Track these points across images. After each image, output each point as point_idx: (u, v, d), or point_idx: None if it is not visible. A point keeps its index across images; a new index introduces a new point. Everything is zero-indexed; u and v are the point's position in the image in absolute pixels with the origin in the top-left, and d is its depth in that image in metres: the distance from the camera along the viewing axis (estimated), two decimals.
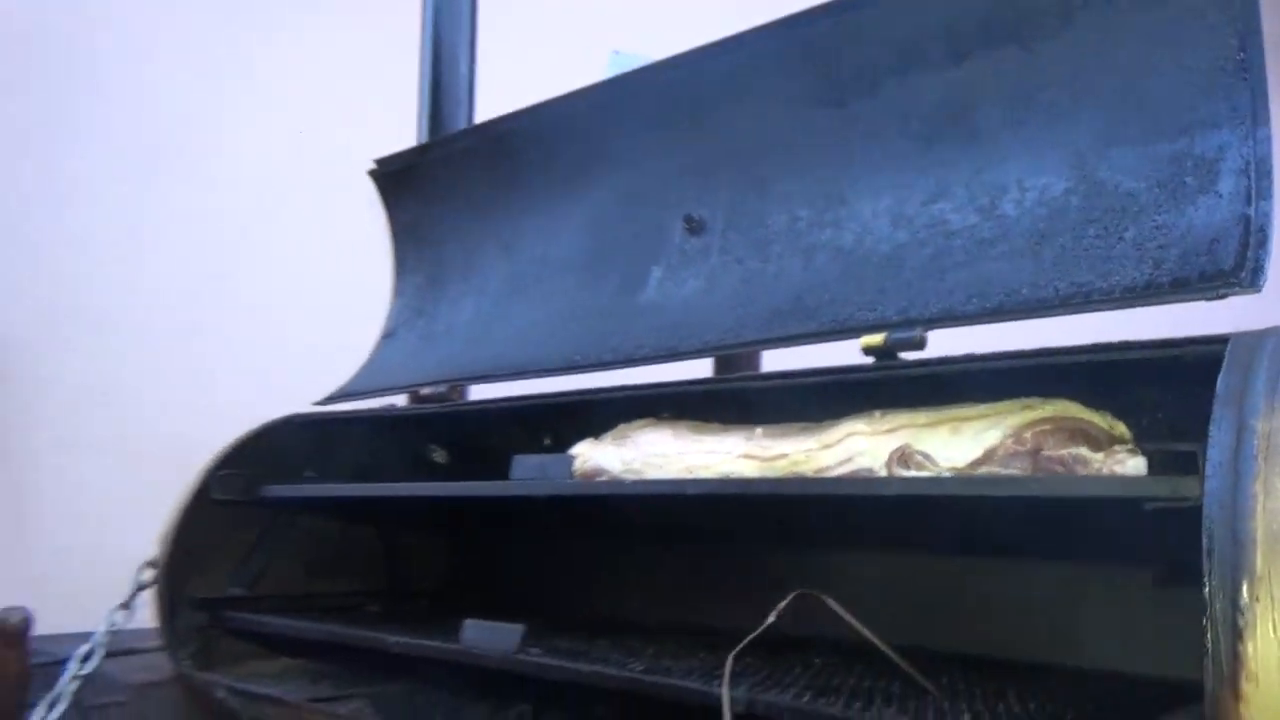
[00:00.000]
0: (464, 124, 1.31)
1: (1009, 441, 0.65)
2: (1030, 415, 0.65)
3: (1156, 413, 0.63)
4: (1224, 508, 0.43)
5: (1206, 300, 0.58)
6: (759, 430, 0.75)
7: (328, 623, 0.97)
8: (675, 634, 0.83)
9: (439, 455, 1.18)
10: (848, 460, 0.70)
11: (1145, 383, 0.62)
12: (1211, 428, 0.46)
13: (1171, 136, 0.70)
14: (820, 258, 0.85)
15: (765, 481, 0.70)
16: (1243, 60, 0.67)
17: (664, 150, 0.99)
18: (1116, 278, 0.64)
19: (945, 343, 0.70)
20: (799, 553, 0.85)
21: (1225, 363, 0.50)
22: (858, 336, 0.72)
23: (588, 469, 0.81)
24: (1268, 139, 0.66)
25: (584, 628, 0.85)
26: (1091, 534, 0.63)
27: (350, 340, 1.32)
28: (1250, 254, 0.60)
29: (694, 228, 0.97)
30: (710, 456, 0.76)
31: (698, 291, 0.92)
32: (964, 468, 0.64)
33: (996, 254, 0.73)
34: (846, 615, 0.65)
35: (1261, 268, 0.59)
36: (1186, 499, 0.45)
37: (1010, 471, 0.63)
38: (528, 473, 0.79)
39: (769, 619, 0.65)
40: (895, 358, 0.70)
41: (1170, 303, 0.60)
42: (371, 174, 1.26)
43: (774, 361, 0.91)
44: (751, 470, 0.72)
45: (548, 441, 1.03)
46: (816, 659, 0.72)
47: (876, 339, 0.71)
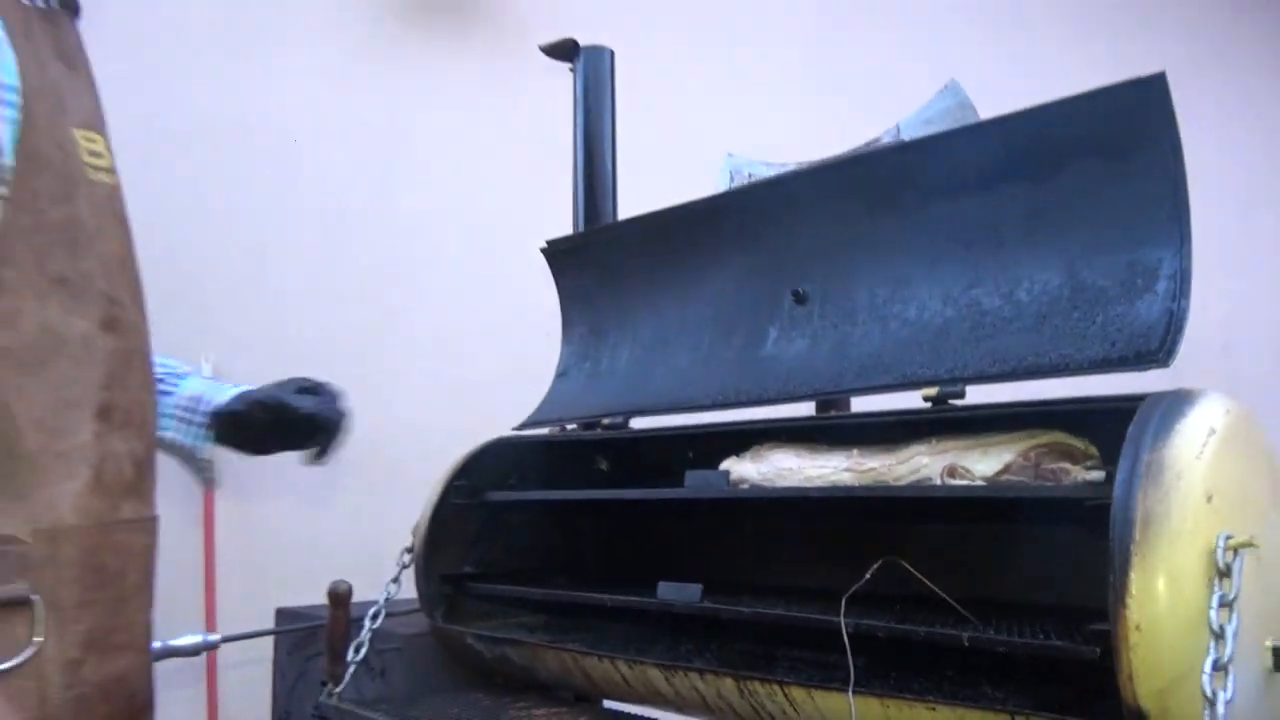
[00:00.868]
0: (610, 210, 1.69)
1: (1019, 459, 0.99)
2: (1033, 440, 1.00)
3: (1105, 442, 0.97)
4: (1121, 503, 0.77)
5: (1139, 371, 0.93)
6: (855, 451, 1.11)
7: (546, 588, 1.37)
8: (799, 593, 1.20)
9: (604, 464, 1.57)
10: (915, 472, 1.05)
11: (1097, 423, 0.96)
12: (1121, 457, 0.80)
13: (1129, 250, 1.03)
14: (893, 326, 1.20)
15: (861, 488, 1.06)
16: (1174, 200, 1.01)
17: (776, 241, 1.35)
18: (1089, 352, 0.98)
19: (978, 393, 1.06)
20: (883, 534, 1.20)
21: (1136, 415, 0.84)
22: (918, 389, 1.08)
23: (734, 479, 1.18)
24: (1189, 254, 0.99)
25: (734, 590, 1.22)
26: (1066, 516, 0.97)
27: (524, 374, 1.72)
28: (1170, 339, 0.94)
29: (799, 299, 1.33)
30: (822, 469, 1.12)
31: (804, 349, 1.28)
32: (990, 477, 0.99)
33: (1013, 329, 1.08)
34: (916, 573, 1.00)
35: (1175, 350, 0.92)
36: (1105, 498, 0.80)
37: (1019, 479, 0.98)
38: (697, 482, 1.16)
39: (866, 575, 1.01)
40: (945, 403, 1.06)
41: (1117, 372, 0.94)
42: (543, 250, 1.65)
43: (861, 404, 1.27)
44: (850, 479, 1.08)
45: (690, 455, 1.41)
46: (898, 605, 1.08)
47: (932, 391, 1.06)
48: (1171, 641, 0.74)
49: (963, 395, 1.05)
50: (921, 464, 1.04)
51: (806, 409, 1.29)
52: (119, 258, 0.95)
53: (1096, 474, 0.93)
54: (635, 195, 1.69)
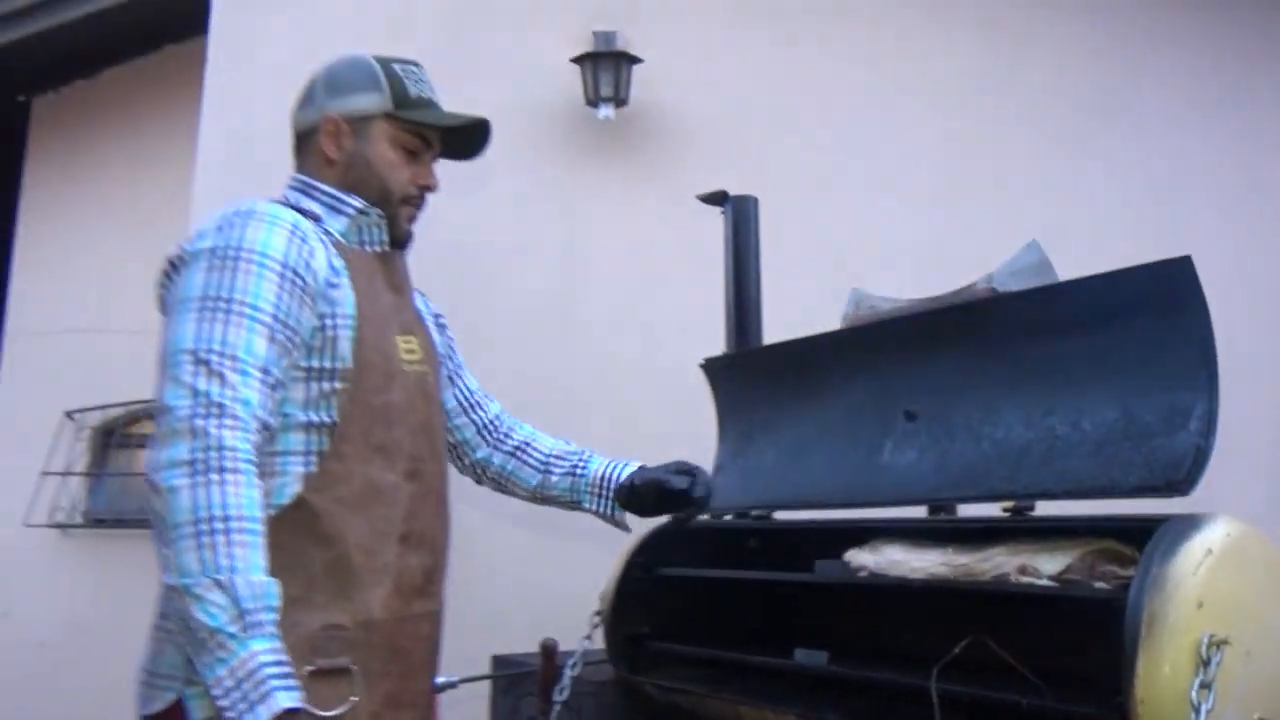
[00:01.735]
0: (756, 330, 2.03)
1: (1078, 561, 1.26)
2: (1089, 547, 1.26)
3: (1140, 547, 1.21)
4: (1133, 605, 1.04)
5: (1167, 498, 1.18)
6: (950, 548, 1.40)
7: (704, 648, 1.70)
8: (905, 660, 1.49)
9: (754, 543, 1.90)
10: (996, 568, 1.33)
11: (1139, 533, 1.22)
12: (1138, 570, 1.07)
13: (1171, 393, 1.28)
14: (984, 445, 1.48)
15: (953, 581, 1.35)
16: (1204, 354, 1.25)
17: (892, 369, 1.64)
18: (1132, 478, 1.24)
19: (1047, 504, 1.33)
20: (971, 616, 1.47)
21: (1154, 536, 1.10)
22: (1001, 501, 1.36)
23: (855, 567, 1.49)
24: (1217, 399, 1.23)
25: (853, 655, 1.52)
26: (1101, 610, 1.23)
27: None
28: (1194, 470, 1.19)
29: (910, 417, 1.62)
30: (924, 562, 1.41)
31: (913, 460, 1.57)
32: (1054, 575, 1.26)
33: (1078, 454, 1.34)
34: (996, 647, 1.28)
35: (1197, 480, 1.17)
36: (1122, 601, 1.07)
37: (1078, 578, 1.24)
38: (826, 569, 1.47)
39: (955, 650, 1.29)
40: (1020, 514, 1.34)
41: (1152, 497, 1.20)
42: (702, 365, 2.00)
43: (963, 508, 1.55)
44: (946, 572, 1.37)
45: (820, 544, 1.71)
46: (982, 673, 1.35)
47: (1011, 504, 1.34)
48: (1167, 712, 1.00)
49: (1033, 508, 1.33)
50: (1000, 562, 1.32)
51: (913, 510, 1.58)
52: (423, 425, 1.33)
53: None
54: (777, 314, 2.03)
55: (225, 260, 1.20)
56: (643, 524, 1.86)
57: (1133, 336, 1.32)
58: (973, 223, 3.13)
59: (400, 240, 1.40)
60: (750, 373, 1.92)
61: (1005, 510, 1.34)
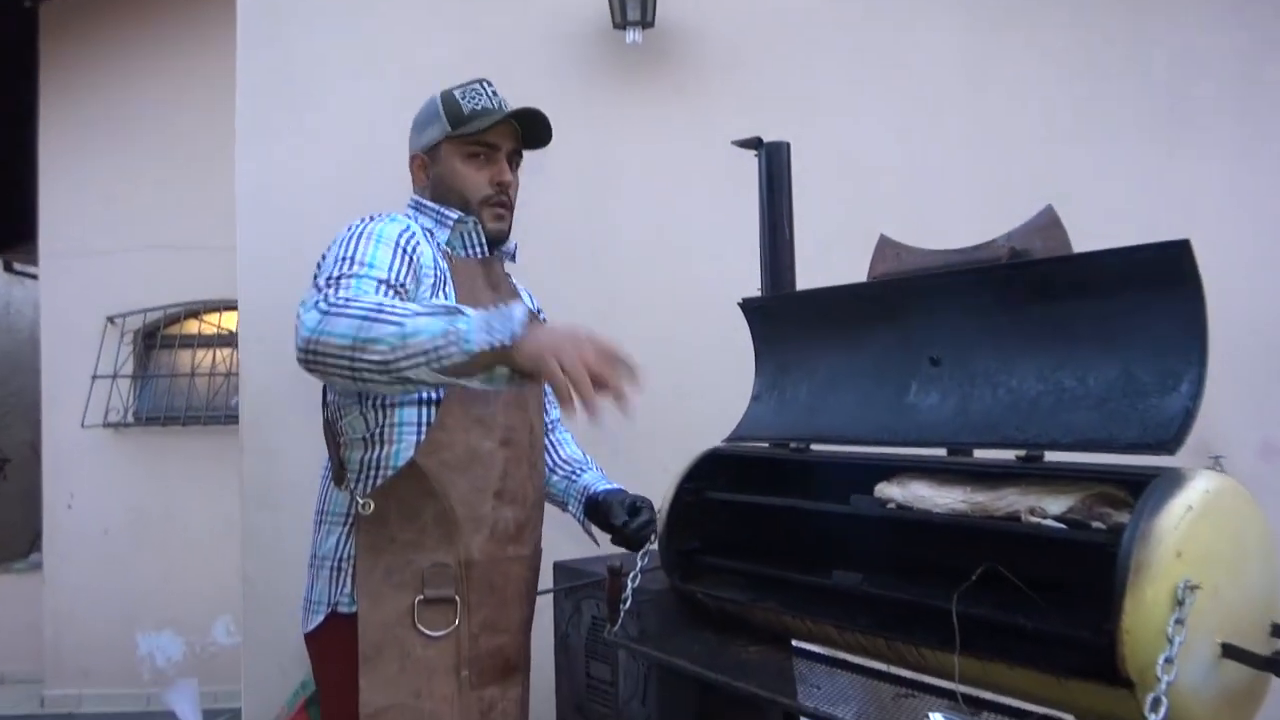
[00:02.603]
0: (790, 272, 2.20)
1: (1079, 503, 1.47)
2: (1089, 491, 1.47)
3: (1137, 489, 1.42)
4: (1124, 553, 1.25)
5: (1158, 455, 1.39)
6: (969, 487, 1.62)
7: (753, 563, 1.95)
8: (931, 581, 1.73)
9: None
10: (1009, 506, 1.54)
11: (1133, 480, 1.42)
12: (1129, 523, 1.29)
13: (1166, 359, 1.46)
14: (1000, 392, 1.67)
15: (971, 516, 1.57)
16: (1198, 324, 1.43)
17: (919, 317, 1.81)
18: (1129, 435, 1.44)
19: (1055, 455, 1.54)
20: (985, 547, 1.70)
21: (1144, 490, 1.31)
22: (1015, 448, 1.57)
23: (884, 498, 1.71)
24: (1205, 365, 1.42)
25: (883, 574, 1.76)
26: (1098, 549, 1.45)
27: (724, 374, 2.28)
28: (1182, 430, 1.39)
29: (934, 362, 1.80)
30: (945, 499, 1.63)
31: (937, 402, 1.77)
32: (1058, 515, 1.48)
33: (1083, 407, 1.53)
34: (1009, 575, 1.51)
35: (1184, 439, 1.37)
36: (1115, 547, 1.28)
37: (1078, 517, 1.46)
38: (859, 503, 1.70)
39: (974, 576, 1.53)
40: (1031, 460, 1.55)
41: (1145, 454, 1.40)
42: (740, 305, 2.18)
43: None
44: (965, 508, 1.59)
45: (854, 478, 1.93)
46: (996, 596, 1.58)
47: (1023, 452, 1.55)
48: (1147, 642, 1.22)
49: (1042, 457, 1.54)
50: (1013, 501, 1.54)
51: (936, 449, 1.79)
52: (515, 401, 1.55)
53: (1127, 516, 1.40)
54: (806, 237, 2.20)
55: (350, 242, 1.45)
56: (694, 449, 2.09)
57: (1136, 306, 1.50)
58: (1004, 140, 3.23)
59: (495, 238, 1.59)
60: (785, 313, 2.10)
61: (1017, 458, 1.55)
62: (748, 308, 2.14)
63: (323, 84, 3.09)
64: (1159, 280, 1.46)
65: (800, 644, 1.91)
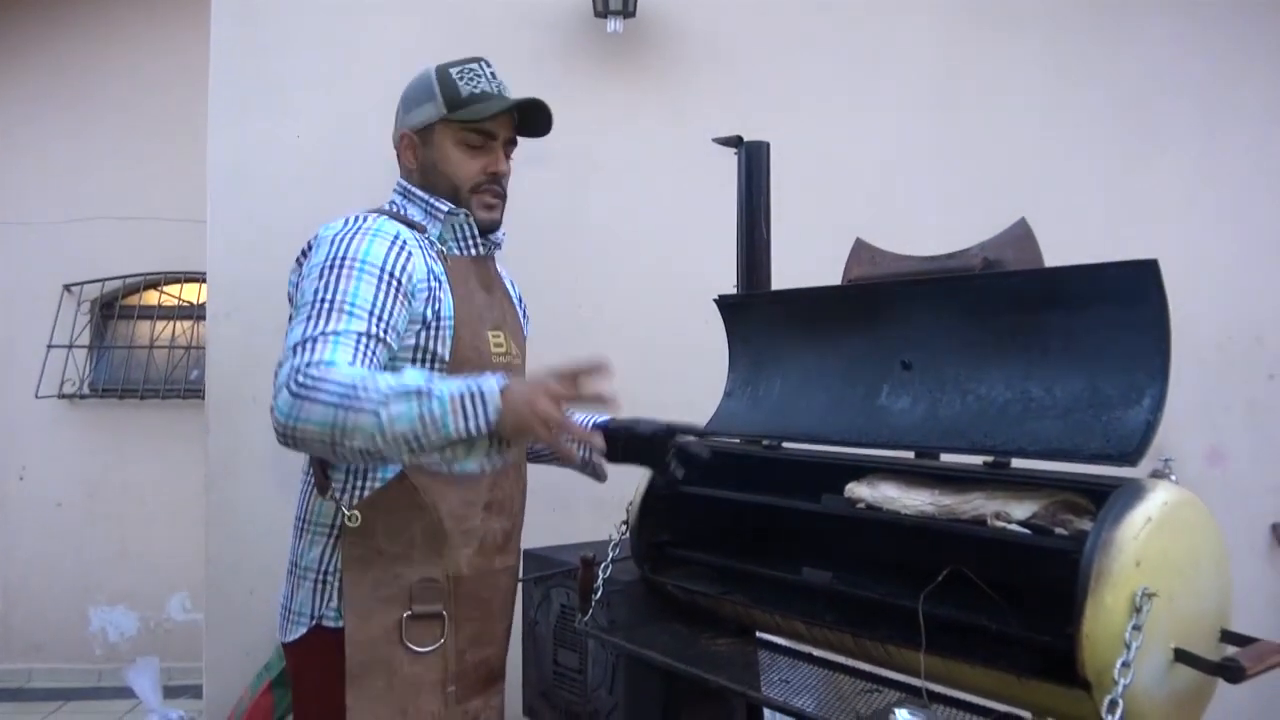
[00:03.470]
0: (766, 270, 2.23)
1: (1042, 509, 1.53)
2: (1052, 498, 1.52)
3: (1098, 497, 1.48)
4: (1086, 560, 1.31)
5: (1120, 467, 1.44)
6: (937, 490, 1.67)
7: (723, 557, 1.98)
8: (897, 580, 1.78)
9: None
10: (976, 510, 1.59)
11: (1094, 489, 1.48)
12: (1091, 531, 1.34)
13: (1130, 374, 1.52)
14: (969, 399, 1.72)
15: (939, 519, 1.62)
16: (1161, 341, 1.48)
17: (892, 322, 1.86)
18: (1092, 446, 1.49)
19: (1020, 462, 1.59)
20: (951, 549, 1.75)
21: (1107, 500, 1.37)
22: (981, 455, 1.62)
23: (853, 498, 1.75)
24: (1166, 381, 1.48)
25: (849, 571, 1.81)
26: (1061, 554, 1.50)
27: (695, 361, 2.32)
28: (1143, 444, 1.44)
29: (906, 366, 1.85)
30: (913, 500, 1.67)
31: (907, 406, 1.82)
32: (1023, 520, 1.53)
33: (1048, 417, 1.59)
34: (974, 577, 1.57)
35: (1145, 452, 1.43)
36: (1078, 554, 1.34)
37: (1041, 523, 1.51)
38: (829, 502, 1.74)
39: (939, 578, 1.58)
40: (997, 466, 1.60)
41: (1108, 465, 1.46)
42: (716, 301, 2.21)
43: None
44: (932, 510, 1.64)
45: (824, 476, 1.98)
46: (960, 598, 1.64)
47: (990, 458, 1.60)
48: (1105, 646, 1.28)
49: (1008, 464, 1.59)
50: (979, 505, 1.59)
51: (905, 452, 1.84)
52: None
53: (1089, 524, 1.46)
54: (783, 233, 2.23)
55: (333, 269, 1.39)
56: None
57: (1103, 320, 1.55)
58: (981, 140, 3.28)
59: (485, 228, 1.57)
60: (760, 312, 2.14)
61: (985, 464, 1.60)
62: (723, 305, 2.17)
63: (298, 60, 3.05)
64: (1127, 297, 1.51)
65: (768, 637, 1.95)
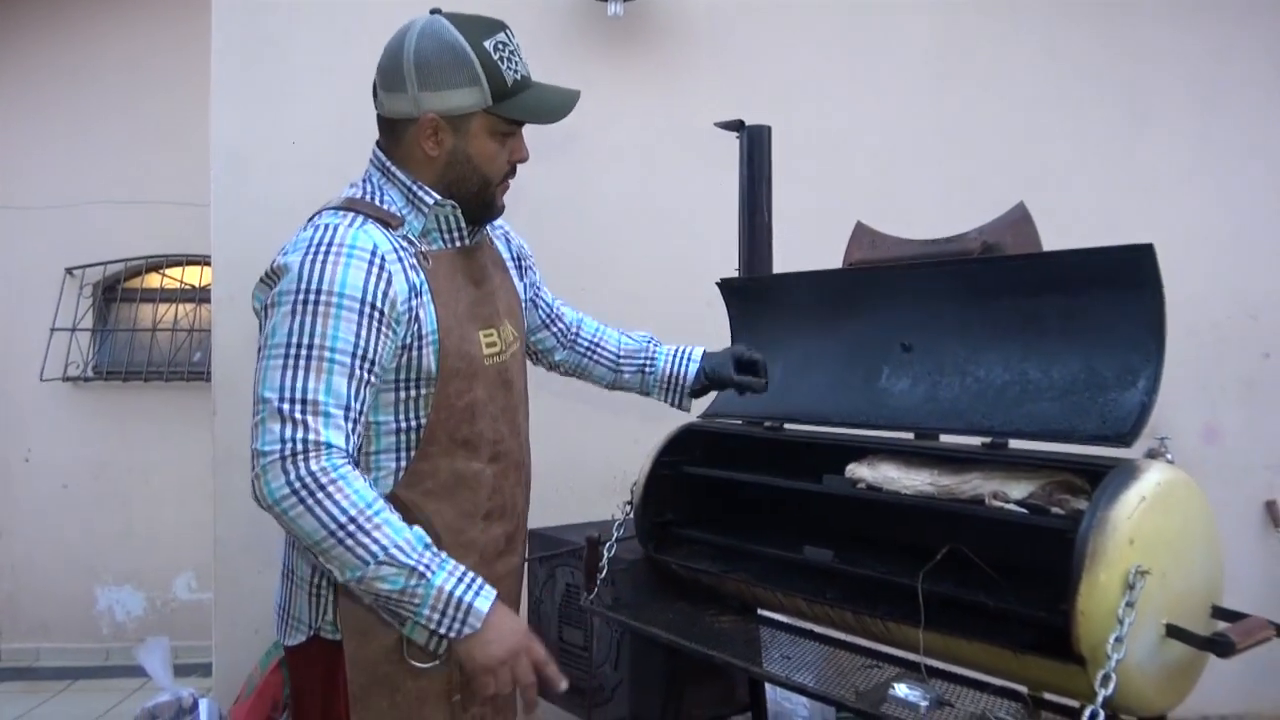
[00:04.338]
0: (767, 251, 2.25)
1: (1039, 489, 1.56)
2: (1049, 478, 1.55)
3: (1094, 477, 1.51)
4: (1081, 539, 1.34)
5: (1116, 447, 1.47)
6: (936, 470, 1.70)
7: (725, 536, 2.02)
8: (897, 559, 1.82)
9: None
10: (974, 490, 1.63)
11: (1091, 469, 1.51)
12: (1087, 511, 1.37)
13: (1126, 356, 1.55)
14: (968, 380, 1.75)
15: (938, 499, 1.65)
16: (1157, 323, 1.51)
17: (893, 306, 1.88)
18: (1089, 427, 1.52)
19: (1017, 442, 1.62)
20: (949, 528, 1.78)
21: (1103, 480, 1.40)
22: (980, 435, 1.65)
23: (854, 478, 1.79)
24: (1162, 363, 1.50)
25: (850, 550, 1.84)
26: (1056, 533, 1.54)
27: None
28: (1138, 425, 1.47)
29: (906, 349, 1.88)
30: (912, 481, 1.71)
31: (907, 387, 1.85)
32: (1020, 500, 1.56)
33: (1046, 398, 1.62)
34: (972, 555, 1.60)
35: (1140, 433, 1.46)
36: (1073, 533, 1.37)
37: (1038, 503, 1.54)
38: (830, 482, 1.77)
39: (940, 555, 1.61)
40: (995, 447, 1.63)
41: (1103, 445, 1.49)
42: (718, 284, 2.23)
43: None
44: (931, 490, 1.67)
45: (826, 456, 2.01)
46: (958, 575, 1.67)
47: (988, 439, 1.63)
48: (1099, 622, 1.31)
49: (1007, 444, 1.62)
50: (977, 485, 1.62)
51: (904, 433, 1.87)
52: (503, 410, 1.47)
53: (1084, 503, 1.49)
54: (783, 213, 2.25)
55: (308, 304, 1.27)
56: (669, 426, 2.15)
57: (1100, 303, 1.58)
58: (980, 123, 3.30)
59: (496, 215, 1.52)
60: (762, 294, 2.16)
61: (983, 444, 1.63)
62: (726, 288, 2.19)
63: (301, 43, 3.06)
64: (1123, 280, 1.53)
65: (769, 615, 1.99)
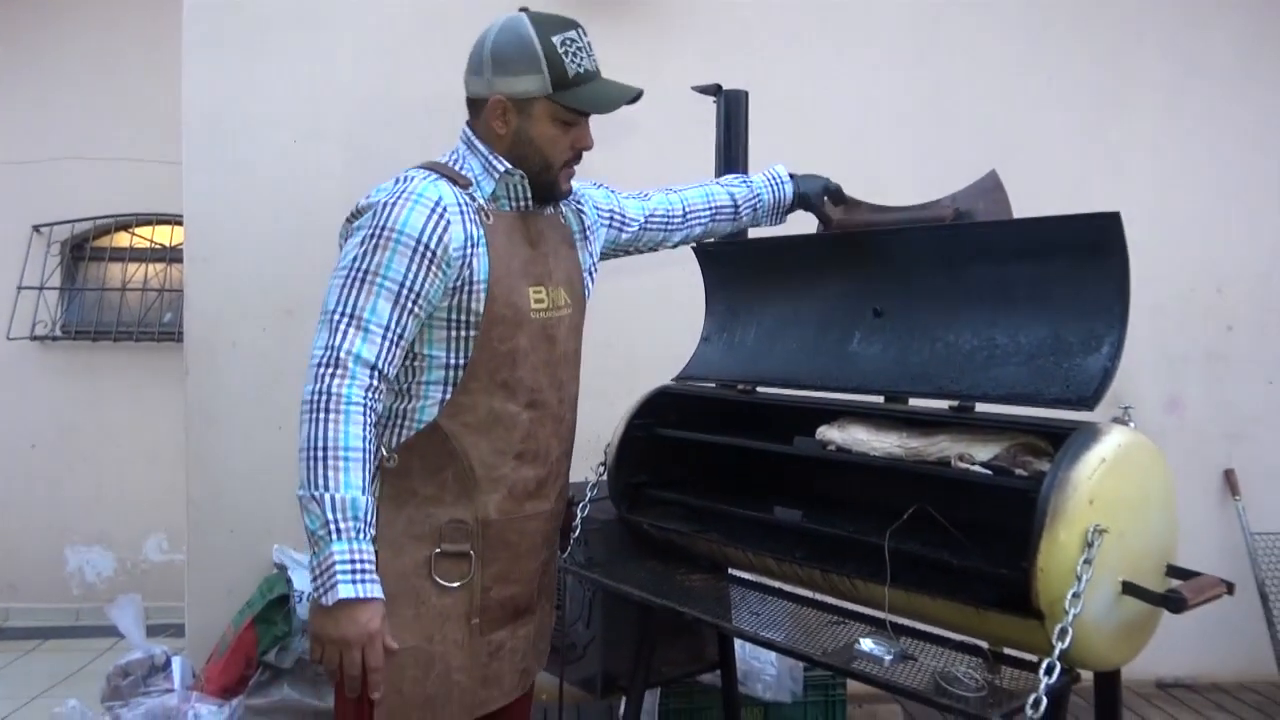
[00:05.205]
0: None
1: (1004, 451, 1.60)
2: (1013, 440, 1.59)
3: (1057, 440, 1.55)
4: (1042, 499, 1.38)
5: (1079, 411, 1.51)
6: (904, 432, 1.73)
7: (697, 498, 2.05)
8: (865, 519, 1.85)
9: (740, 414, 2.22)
10: (941, 452, 1.66)
11: (1053, 432, 1.55)
12: (1049, 471, 1.41)
13: (1090, 323, 1.58)
14: (938, 346, 1.78)
15: (906, 460, 1.68)
16: (1121, 289, 1.54)
17: (866, 271, 1.91)
18: (1053, 390, 1.56)
19: (984, 406, 1.66)
20: (916, 489, 1.82)
21: (1065, 441, 1.44)
22: (948, 399, 1.68)
23: (824, 440, 1.82)
24: (1125, 330, 1.54)
25: (820, 511, 1.88)
26: (1020, 493, 1.58)
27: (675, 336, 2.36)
28: (1100, 389, 1.51)
29: (878, 314, 1.91)
30: (882, 443, 1.74)
31: (878, 352, 1.87)
32: (985, 461, 1.60)
33: (1012, 363, 1.65)
34: (938, 516, 1.64)
35: (1101, 397, 1.50)
36: (1035, 492, 1.41)
37: (1002, 464, 1.58)
38: (802, 444, 1.80)
39: (906, 515, 1.65)
40: (962, 410, 1.66)
41: (1067, 409, 1.53)
42: (693, 248, 2.24)
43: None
44: (900, 452, 1.70)
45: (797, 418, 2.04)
46: (925, 534, 1.71)
47: (955, 402, 1.67)
48: (1058, 578, 1.35)
49: (973, 408, 1.66)
50: (945, 447, 1.66)
51: (874, 396, 1.90)
52: (544, 362, 1.58)
53: (1047, 465, 1.53)
54: None
55: (375, 237, 1.45)
56: (643, 387, 2.17)
57: (1067, 270, 1.61)
58: (955, 91, 3.31)
59: (561, 197, 1.63)
60: (736, 259, 2.18)
61: (950, 408, 1.67)
62: (700, 251, 2.21)
63: (277, 5, 3.02)
64: (1090, 248, 1.56)
65: (740, 574, 2.03)
